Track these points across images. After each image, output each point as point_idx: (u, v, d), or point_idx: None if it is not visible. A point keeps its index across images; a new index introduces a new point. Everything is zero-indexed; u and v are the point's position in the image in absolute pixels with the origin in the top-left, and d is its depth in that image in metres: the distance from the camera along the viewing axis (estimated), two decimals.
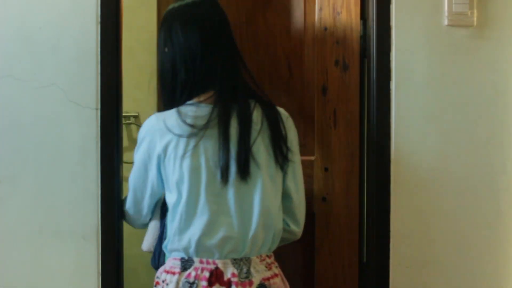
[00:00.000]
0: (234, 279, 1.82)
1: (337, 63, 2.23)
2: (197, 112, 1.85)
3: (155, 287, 1.90)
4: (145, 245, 2.03)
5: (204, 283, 1.81)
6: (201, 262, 1.83)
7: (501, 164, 2.18)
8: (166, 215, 1.95)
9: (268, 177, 1.87)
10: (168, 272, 1.86)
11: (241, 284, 1.83)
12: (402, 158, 2.14)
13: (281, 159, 1.89)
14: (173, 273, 1.85)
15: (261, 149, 1.86)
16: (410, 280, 2.16)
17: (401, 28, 2.13)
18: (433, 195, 2.16)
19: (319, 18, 2.26)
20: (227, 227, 1.83)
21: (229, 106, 1.86)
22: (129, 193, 1.98)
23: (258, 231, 1.85)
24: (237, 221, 1.84)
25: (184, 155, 1.83)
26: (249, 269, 1.85)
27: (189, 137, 1.82)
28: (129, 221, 2.06)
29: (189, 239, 1.83)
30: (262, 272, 1.86)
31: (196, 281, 1.82)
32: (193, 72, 1.87)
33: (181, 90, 1.89)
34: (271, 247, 1.91)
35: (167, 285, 1.85)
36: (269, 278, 1.87)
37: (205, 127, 1.82)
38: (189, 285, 1.82)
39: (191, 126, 1.83)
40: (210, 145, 1.83)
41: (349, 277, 2.24)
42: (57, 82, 2.05)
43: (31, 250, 2.06)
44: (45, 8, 2.05)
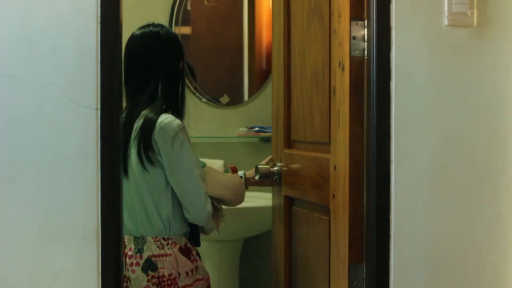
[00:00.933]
0: (129, 252, 2.51)
1: (339, 64, 2.24)
2: None
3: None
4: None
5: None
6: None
7: (501, 164, 2.18)
8: None
9: (139, 173, 2.50)
10: None
11: (134, 256, 2.50)
12: (402, 157, 2.14)
13: (146, 160, 2.47)
14: None
15: (133, 152, 2.50)
16: (410, 280, 2.16)
17: (401, 28, 2.13)
18: (433, 195, 2.16)
19: (331, 21, 2.33)
20: (127, 212, 2.49)
21: (130, 117, 2.57)
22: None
23: (143, 216, 2.50)
24: (133, 207, 2.52)
25: None
26: (142, 247, 2.50)
27: None
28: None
29: None
30: (152, 250, 2.48)
31: None
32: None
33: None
34: (167, 230, 2.49)
35: None
36: (157, 255, 2.47)
37: None
38: None
39: None
40: None
41: (342, 275, 2.24)
42: (57, 82, 2.05)
43: (31, 250, 2.06)
44: (45, 8, 2.05)
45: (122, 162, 2.15)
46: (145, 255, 2.49)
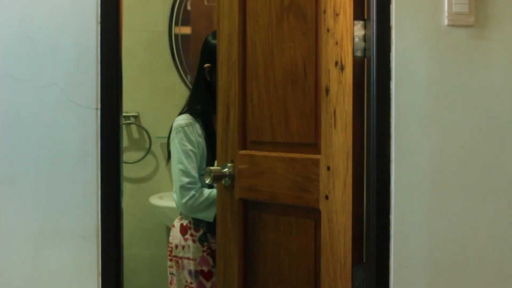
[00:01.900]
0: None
1: (336, 64, 2.23)
2: None
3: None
4: None
5: None
6: None
7: (501, 164, 2.18)
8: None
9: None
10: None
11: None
12: (402, 157, 2.14)
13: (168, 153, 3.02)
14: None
15: None
16: (410, 280, 2.16)
17: (401, 28, 2.13)
18: (433, 195, 2.16)
19: (323, 20, 2.26)
20: None
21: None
22: None
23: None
24: None
25: None
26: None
27: None
28: None
29: None
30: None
31: None
32: None
33: None
34: (181, 210, 2.95)
35: None
36: (173, 225, 3.03)
37: None
38: None
39: None
40: None
41: (344, 275, 2.24)
42: (57, 82, 2.05)
43: (31, 250, 2.06)
44: (45, 8, 2.05)
45: (122, 162, 2.15)
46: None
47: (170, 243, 3.00)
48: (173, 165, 2.91)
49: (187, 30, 4.35)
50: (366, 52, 2.19)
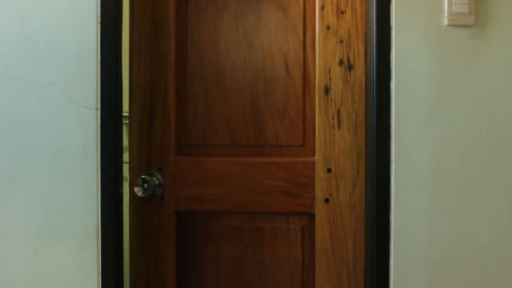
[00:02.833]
0: None
1: (341, 62, 2.22)
2: None
3: None
4: None
5: None
6: None
7: (501, 164, 2.18)
8: None
9: None
10: None
11: None
12: (402, 157, 2.14)
13: None
14: None
15: None
16: (410, 280, 2.16)
17: (401, 28, 2.13)
18: (433, 195, 2.16)
19: (321, 16, 2.23)
20: None
21: None
22: None
23: None
24: None
25: None
26: None
27: None
28: None
29: None
30: None
31: None
32: None
33: None
34: None
35: None
36: None
37: None
38: None
39: None
40: None
41: (353, 278, 2.23)
42: (57, 82, 2.05)
43: (31, 250, 2.06)
44: (45, 8, 2.05)
45: (122, 162, 2.15)
46: None
47: None
48: None
49: None
50: (366, 51, 2.20)
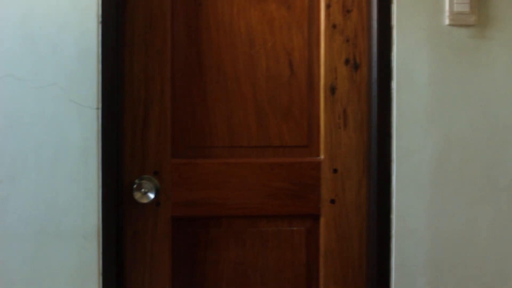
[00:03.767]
0: None
1: (347, 62, 2.20)
2: None
3: None
4: None
5: None
6: None
7: (501, 164, 2.18)
8: None
9: None
10: None
11: None
12: (403, 157, 2.14)
13: None
14: None
15: None
16: (410, 279, 2.16)
17: (402, 27, 2.13)
18: (434, 194, 2.16)
19: (327, 15, 2.21)
20: None
21: None
22: None
23: None
24: None
25: None
26: None
27: None
28: None
29: None
30: None
31: None
32: None
33: None
34: None
35: None
36: None
37: None
38: None
39: None
40: None
41: (359, 278, 2.23)
42: (57, 81, 2.05)
43: (31, 250, 2.06)
44: (46, 7, 2.05)
45: (122, 161, 2.14)
46: None
47: None
48: None
49: None
50: (367, 51, 2.20)
